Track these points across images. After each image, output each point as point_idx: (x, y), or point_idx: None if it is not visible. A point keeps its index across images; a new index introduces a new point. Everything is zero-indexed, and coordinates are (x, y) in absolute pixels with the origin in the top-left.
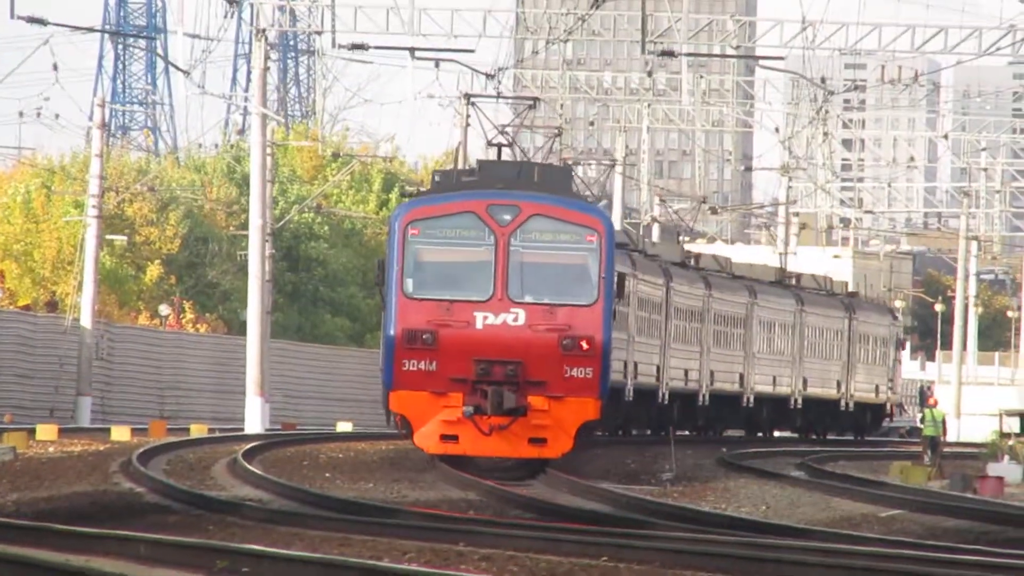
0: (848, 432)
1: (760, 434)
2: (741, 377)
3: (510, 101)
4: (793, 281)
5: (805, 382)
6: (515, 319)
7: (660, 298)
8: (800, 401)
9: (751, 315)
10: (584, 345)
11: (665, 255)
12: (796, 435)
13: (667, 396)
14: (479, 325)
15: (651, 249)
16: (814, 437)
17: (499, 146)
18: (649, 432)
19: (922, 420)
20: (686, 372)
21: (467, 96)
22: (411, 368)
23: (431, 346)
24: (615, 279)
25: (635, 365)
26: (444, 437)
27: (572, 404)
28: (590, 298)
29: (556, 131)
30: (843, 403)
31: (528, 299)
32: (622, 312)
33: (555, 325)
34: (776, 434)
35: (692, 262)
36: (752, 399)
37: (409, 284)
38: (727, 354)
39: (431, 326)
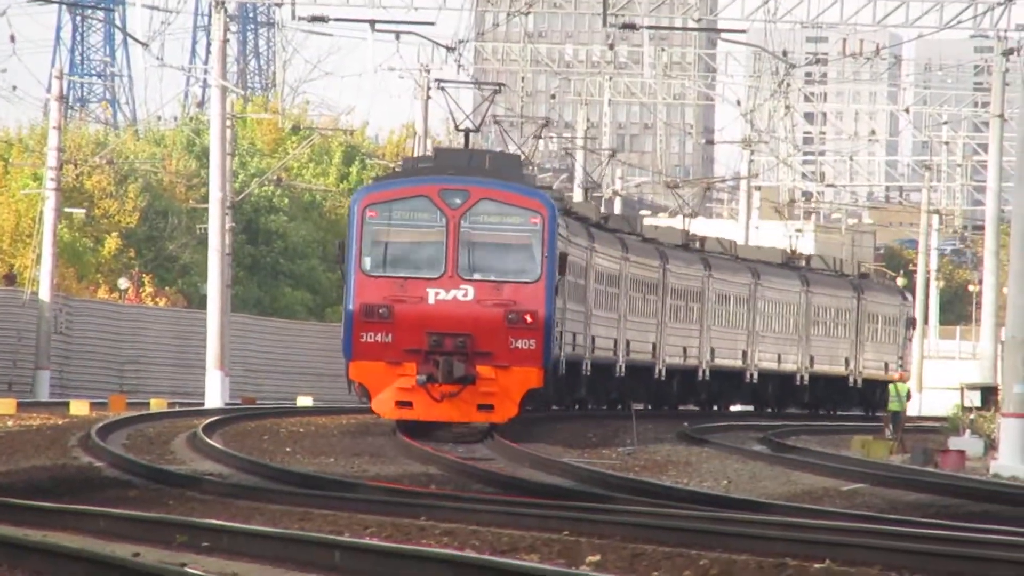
0: (857, 408)
1: (768, 410)
2: (744, 354)
3: (475, 82)
4: (802, 263)
5: (812, 359)
6: (464, 295)
7: (656, 280)
8: (807, 378)
9: (754, 295)
10: (528, 319)
11: (665, 238)
12: (805, 410)
13: (663, 372)
14: (431, 301)
15: (649, 233)
16: (822, 412)
17: (466, 131)
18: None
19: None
20: (685, 349)
21: (438, 81)
22: (369, 340)
23: (387, 320)
24: (559, 257)
25: (627, 343)
26: (399, 403)
27: (517, 373)
28: (534, 275)
29: (543, 121)
30: (852, 380)
31: (476, 276)
32: (612, 292)
33: (501, 300)
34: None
35: (697, 245)
36: (756, 375)
37: (367, 262)
38: (729, 332)
39: (387, 301)
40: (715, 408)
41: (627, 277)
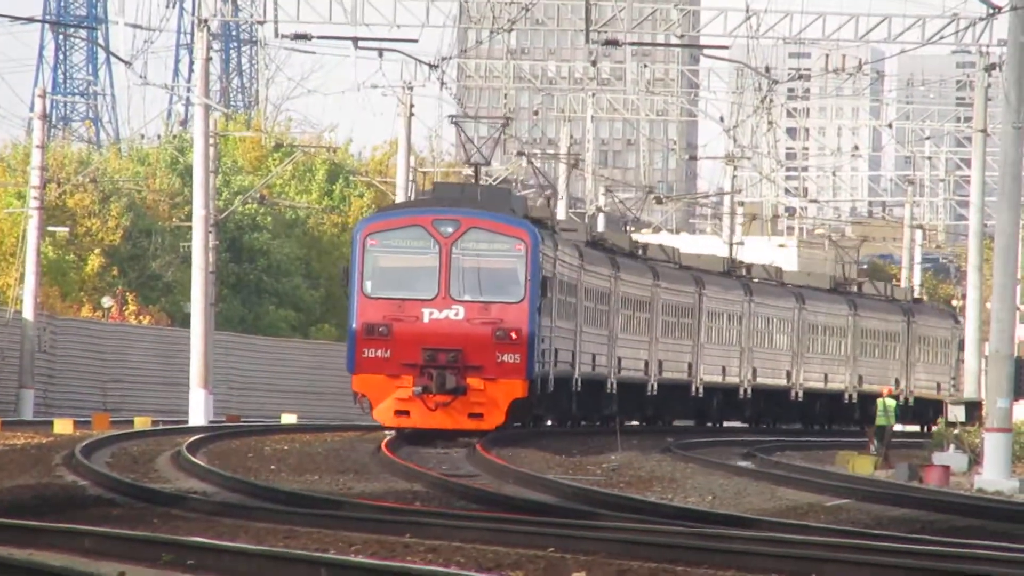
0: (911, 424)
1: (816, 427)
2: (788, 374)
3: (488, 117)
4: (854, 288)
5: (860, 379)
6: (456, 314)
7: (692, 305)
8: (855, 396)
9: (800, 319)
10: (513, 335)
11: (707, 266)
12: (856, 428)
13: (701, 389)
14: (426, 319)
15: (688, 261)
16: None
17: (476, 165)
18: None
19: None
20: (724, 368)
21: (451, 117)
22: (370, 355)
23: (386, 337)
24: (541, 280)
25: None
26: (398, 412)
27: (504, 384)
28: (518, 296)
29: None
30: (903, 398)
31: (467, 297)
32: (644, 317)
33: (489, 319)
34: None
35: (735, 270)
36: (801, 394)
37: (368, 286)
38: (771, 353)
39: (386, 320)
40: (760, 425)
41: (661, 303)
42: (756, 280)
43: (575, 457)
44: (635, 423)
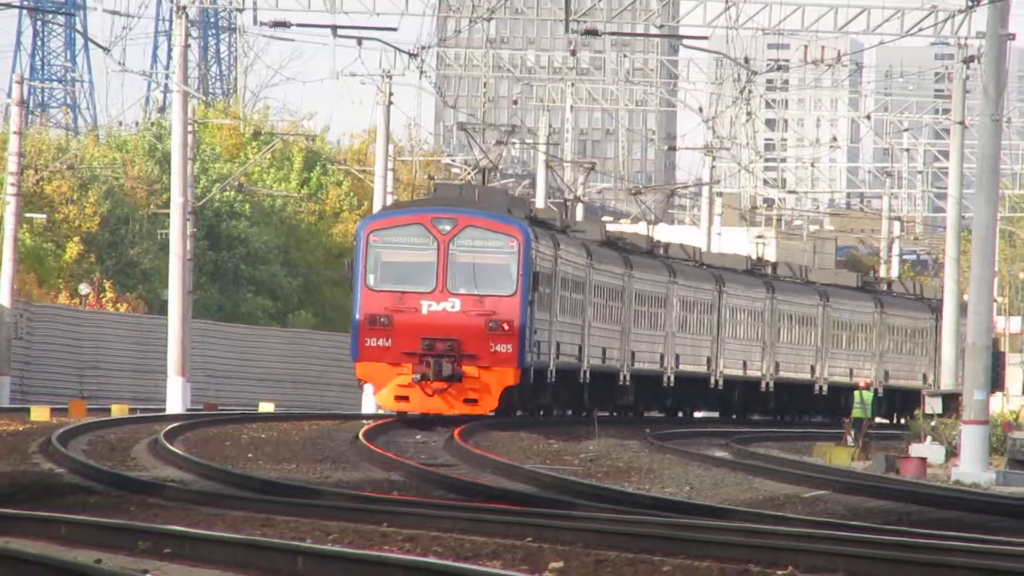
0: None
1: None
2: (812, 368)
3: (496, 125)
4: (884, 287)
5: (887, 374)
6: (453, 306)
7: (712, 301)
8: (881, 391)
9: (823, 316)
10: (505, 327)
11: (731, 264)
12: (886, 421)
13: (720, 383)
14: (425, 311)
15: (710, 260)
16: (902, 422)
17: (483, 170)
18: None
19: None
20: (745, 363)
21: (460, 124)
22: (372, 344)
23: (387, 327)
24: (533, 275)
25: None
26: (398, 398)
27: (497, 372)
28: (511, 290)
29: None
30: None
31: (462, 291)
32: (656, 312)
33: (483, 311)
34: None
35: (763, 268)
36: (825, 388)
37: (371, 279)
38: (794, 348)
39: (388, 312)
40: (780, 418)
41: (679, 299)
42: (782, 278)
43: (553, 447)
44: (656, 414)
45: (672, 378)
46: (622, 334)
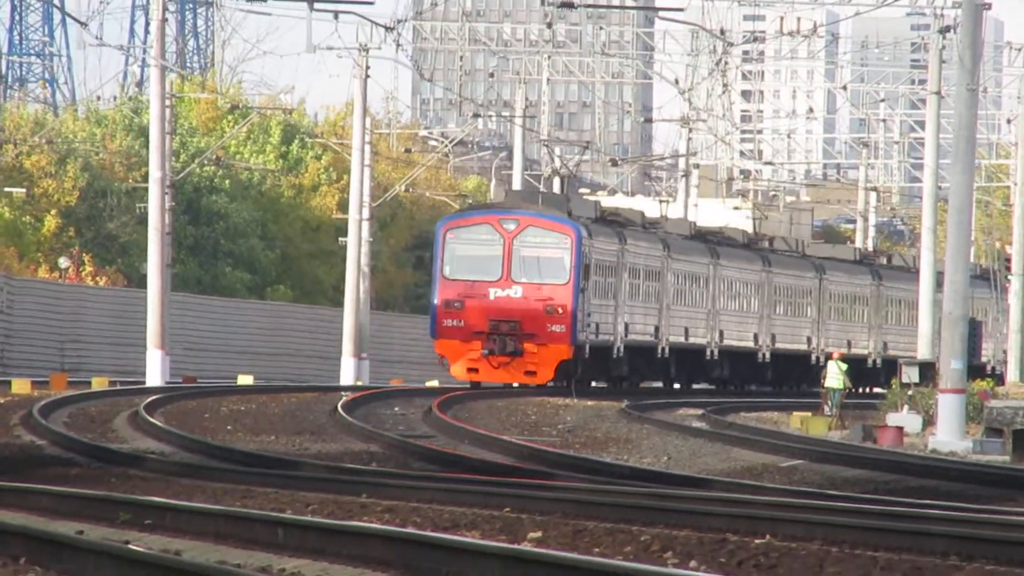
0: None
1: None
2: (849, 343)
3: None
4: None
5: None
6: (515, 293)
7: (762, 281)
8: (880, 362)
9: (878, 295)
10: (559, 310)
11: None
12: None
13: (768, 356)
14: (492, 297)
15: (725, 255)
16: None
17: (563, 177)
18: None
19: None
20: (806, 338)
21: (542, 141)
22: (448, 325)
23: (460, 310)
24: (584, 267)
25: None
26: (469, 369)
27: (552, 349)
28: (565, 279)
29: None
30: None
31: (524, 280)
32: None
33: (541, 297)
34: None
35: (819, 254)
36: (880, 361)
37: (447, 269)
38: (842, 325)
39: (461, 297)
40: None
41: (719, 279)
42: (830, 259)
43: (531, 418)
44: (704, 385)
45: (767, 355)
46: (708, 315)
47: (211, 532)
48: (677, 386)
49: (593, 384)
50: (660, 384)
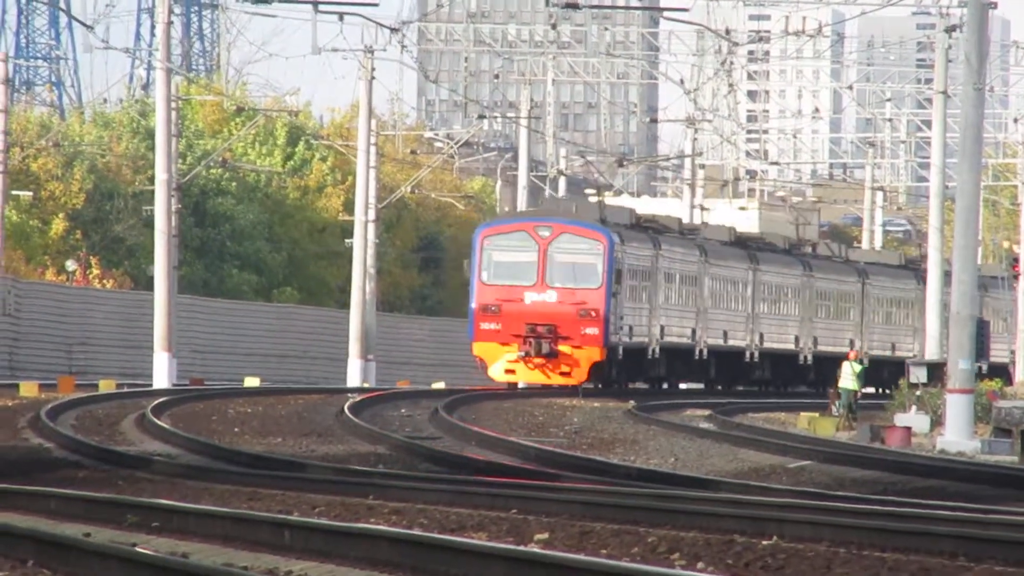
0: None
1: (883, 390)
2: (893, 345)
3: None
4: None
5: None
6: (550, 297)
7: (800, 285)
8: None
9: (917, 298)
10: (593, 313)
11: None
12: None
13: (809, 358)
14: (527, 301)
15: (765, 260)
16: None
17: (599, 189)
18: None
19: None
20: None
21: (581, 153)
22: (486, 328)
23: (498, 314)
24: (614, 271)
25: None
26: (507, 371)
27: (586, 350)
28: (597, 284)
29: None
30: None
31: (558, 284)
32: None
33: (575, 301)
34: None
35: (860, 261)
36: (867, 361)
37: (485, 275)
38: (884, 327)
39: (498, 301)
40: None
41: (758, 283)
42: (873, 264)
43: (538, 419)
44: (740, 388)
45: (809, 357)
46: (748, 319)
47: (218, 534)
48: (719, 388)
49: (631, 385)
50: (701, 385)
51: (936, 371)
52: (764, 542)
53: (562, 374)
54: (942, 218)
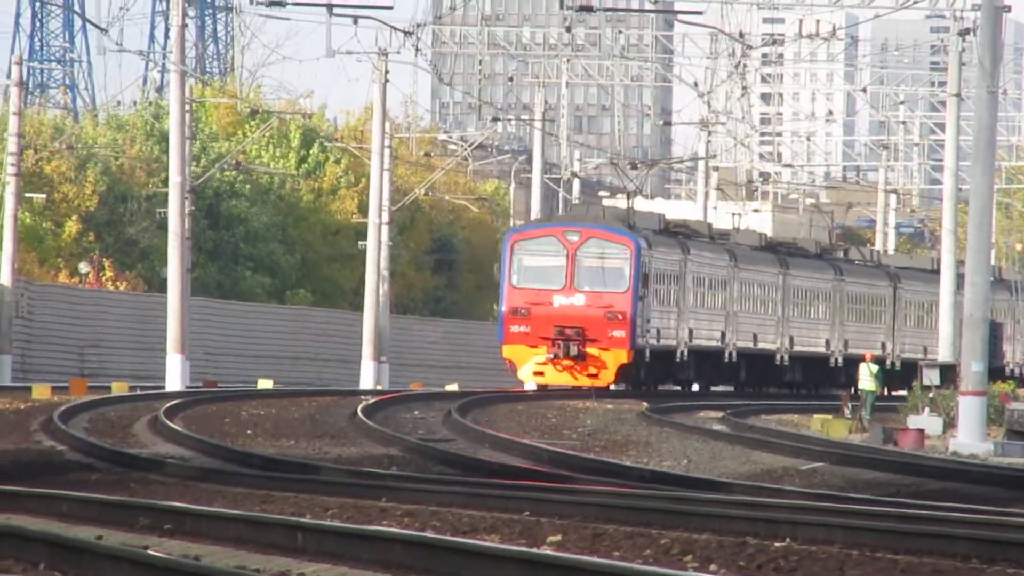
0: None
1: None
2: (926, 349)
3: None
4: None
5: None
6: (578, 300)
7: (830, 290)
8: None
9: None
10: (620, 316)
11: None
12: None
13: (840, 361)
14: (556, 304)
15: (795, 265)
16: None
17: (628, 194)
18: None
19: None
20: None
21: (609, 159)
22: (515, 330)
23: (527, 317)
24: (641, 275)
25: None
26: (536, 373)
27: (613, 352)
28: (624, 287)
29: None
30: (1016, 371)
31: (586, 288)
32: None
33: (603, 304)
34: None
35: (892, 266)
36: (899, 364)
37: (514, 278)
38: (916, 331)
39: (527, 304)
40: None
41: (789, 287)
42: (903, 268)
43: (551, 421)
44: (772, 390)
45: (840, 360)
46: (778, 322)
47: (230, 537)
48: (750, 390)
49: (660, 387)
50: (731, 388)
51: (949, 373)
52: (777, 544)
53: (590, 376)
54: (955, 221)
